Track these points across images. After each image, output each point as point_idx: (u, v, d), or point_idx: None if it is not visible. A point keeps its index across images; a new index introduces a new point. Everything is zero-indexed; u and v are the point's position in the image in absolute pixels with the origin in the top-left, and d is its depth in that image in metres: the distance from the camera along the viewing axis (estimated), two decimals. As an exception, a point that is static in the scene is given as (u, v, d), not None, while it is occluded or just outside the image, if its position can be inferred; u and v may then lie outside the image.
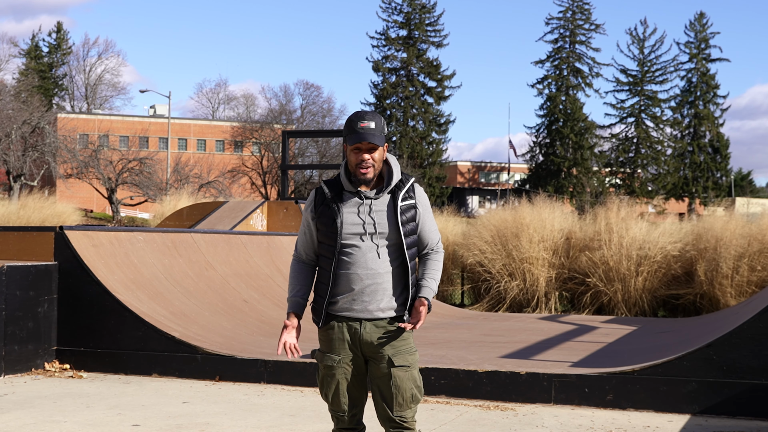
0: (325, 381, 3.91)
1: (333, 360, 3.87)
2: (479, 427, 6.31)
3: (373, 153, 3.83)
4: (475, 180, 78.79)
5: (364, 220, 3.82)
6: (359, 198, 3.85)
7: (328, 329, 3.89)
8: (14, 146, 41.80)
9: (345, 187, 3.88)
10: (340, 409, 3.90)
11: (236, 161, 63.74)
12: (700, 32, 68.49)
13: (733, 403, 6.68)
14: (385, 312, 3.84)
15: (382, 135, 3.84)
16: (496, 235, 15.64)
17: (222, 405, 6.96)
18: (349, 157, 3.85)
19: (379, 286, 3.81)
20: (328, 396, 3.90)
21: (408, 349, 3.87)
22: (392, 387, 3.82)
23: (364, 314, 3.83)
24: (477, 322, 12.67)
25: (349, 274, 3.82)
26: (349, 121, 3.85)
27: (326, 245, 3.88)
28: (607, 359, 8.44)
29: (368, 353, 3.86)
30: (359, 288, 3.81)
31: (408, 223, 3.87)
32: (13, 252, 8.81)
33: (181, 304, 9.31)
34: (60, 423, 6.26)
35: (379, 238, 3.82)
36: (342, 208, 3.84)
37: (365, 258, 3.81)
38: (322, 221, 3.88)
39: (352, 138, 3.80)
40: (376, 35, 67.00)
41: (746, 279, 14.06)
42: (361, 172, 3.82)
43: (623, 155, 67.72)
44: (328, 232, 3.85)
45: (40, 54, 77.57)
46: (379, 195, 3.86)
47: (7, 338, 8.04)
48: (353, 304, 3.83)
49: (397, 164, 3.93)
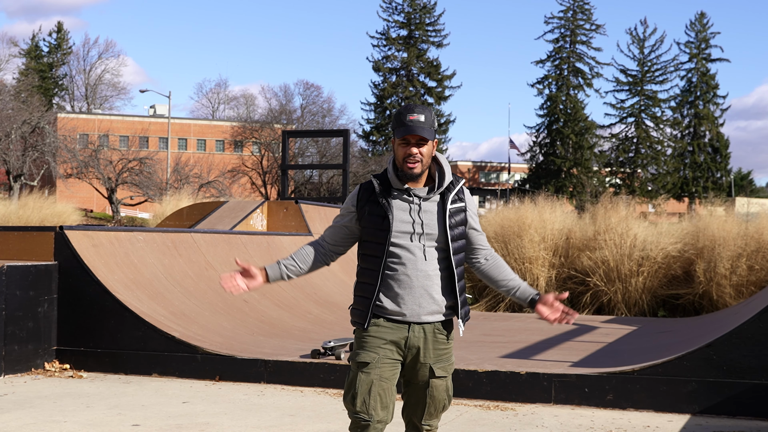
0: (356, 380, 3.65)
1: (371, 357, 3.64)
2: (479, 427, 6.31)
3: (421, 147, 3.62)
4: (475, 180, 78.86)
5: (414, 219, 3.64)
6: (408, 196, 3.67)
7: (373, 328, 3.67)
8: (14, 146, 41.81)
9: (393, 184, 3.68)
10: (368, 414, 3.62)
11: (236, 161, 63.77)
12: (700, 32, 68.54)
13: (733, 403, 6.68)
14: (433, 316, 3.67)
15: (432, 129, 3.64)
16: (499, 234, 15.66)
17: (222, 405, 6.96)
18: (397, 151, 3.66)
19: (428, 288, 3.64)
20: (356, 398, 3.62)
21: (448, 358, 3.74)
22: (428, 396, 3.69)
23: (413, 317, 3.65)
24: (477, 321, 12.67)
25: (398, 275, 3.64)
26: (397, 114, 3.67)
27: (373, 243, 3.68)
28: (607, 359, 8.44)
29: (410, 358, 3.68)
30: (409, 290, 3.63)
31: (456, 227, 3.70)
32: (13, 252, 8.81)
33: (181, 304, 9.31)
34: (60, 423, 6.26)
35: (426, 239, 3.64)
36: (392, 205, 3.65)
37: (415, 259, 3.63)
38: (369, 218, 3.68)
39: (400, 131, 3.61)
40: (376, 35, 67.14)
41: (745, 279, 14.05)
42: (408, 166, 3.63)
43: (623, 155, 67.76)
44: (376, 229, 3.65)
45: (40, 54, 77.57)
46: (430, 195, 3.67)
47: (7, 338, 8.04)
48: (403, 307, 3.64)
49: (448, 165, 3.75)
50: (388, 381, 3.65)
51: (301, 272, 3.83)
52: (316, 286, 12.02)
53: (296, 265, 3.80)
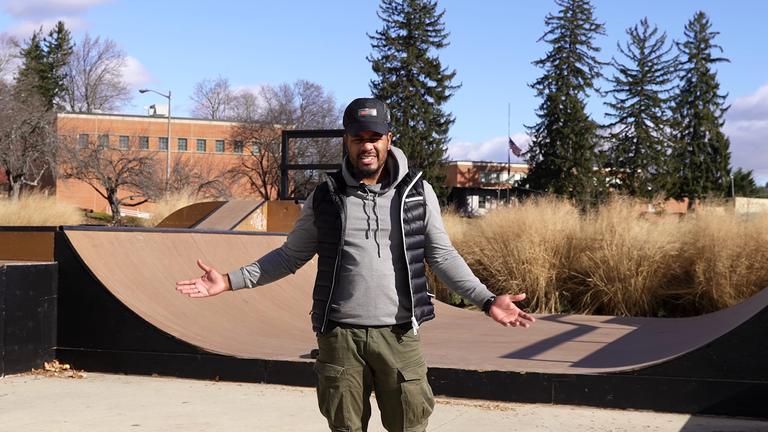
0: (326, 394, 3.58)
1: (336, 371, 3.54)
2: (479, 427, 6.31)
3: (376, 142, 3.49)
4: (475, 180, 78.82)
5: (369, 215, 3.50)
6: (363, 192, 3.53)
7: (330, 337, 3.57)
8: (14, 146, 41.81)
9: (347, 182, 3.55)
10: (344, 426, 3.57)
11: (236, 161, 63.79)
12: (700, 32, 68.49)
13: (733, 403, 6.68)
14: (391, 318, 3.52)
15: (385, 123, 3.51)
16: (498, 234, 15.65)
17: (222, 405, 6.96)
18: (350, 148, 3.52)
19: (385, 288, 3.49)
20: (330, 411, 3.57)
21: (417, 361, 3.58)
22: (402, 403, 3.54)
23: (370, 320, 3.51)
24: (477, 322, 12.67)
25: (353, 275, 3.49)
26: (348, 110, 3.52)
27: (328, 244, 3.55)
28: (607, 359, 8.44)
29: (375, 364, 3.54)
30: (364, 291, 3.49)
31: (413, 222, 3.53)
32: (13, 252, 8.81)
33: (181, 304, 9.31)
34: (60, 423, 6.26)
35: (381, 236, 3.49)
36: (346, 203, 3.51)
37: (370, 258, 3.48)
38: (323, 218, 3.55)
39: (352, 127, 3.48)
40: (376, 35, 67.01)
41: (744, 278, 14.05)
42: (363, 162, 3.49)
43: (623, 155, 67.72)
44: (330, 229, 3.53)
45: (40, 54, 77.57)
46: (385, 189, 3.53)
47: (7, 338, 8.04)
48: (358, 309, 3.51)
49: (404, 157, 3.60)
50: (357, 388, 3.57)
51: (264, 279, 3.73)
52: (316, 286, 12.01)
53: (259, 273, 3.71)
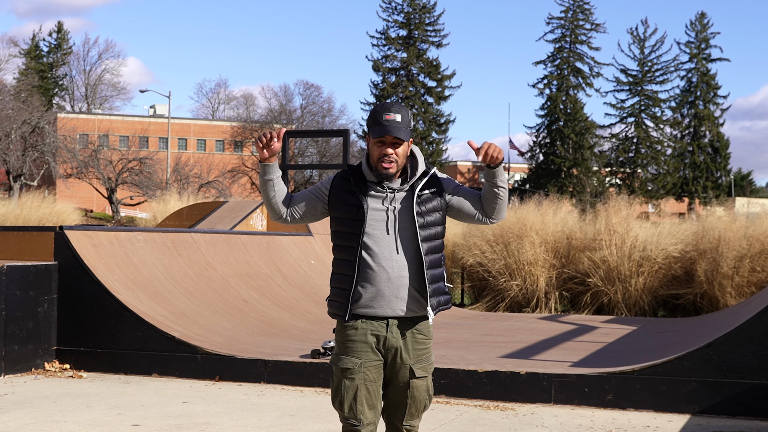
0: (341, 386, 3.62)
1: (354, 363, 3.59)
2: (479, 427, 6.31)
3: (397, 148, 3.58)
4: (475, 180, 78.81)
5: (387, 208, 3.60)
6: (381, 187, 3.63)
7: (350, 330, 3.62)
8: (14, 146, 41.82)
9: (367, 177, 3.65)
10: (356, 419, 3.59)
11: (236, 161, 63.79)
12: (700, 32, 68.49)
13: (733, 403, 6.68)
14: (409, 309, 3.60)
15: (407, 129, 3.59)
16: (499, 236, 15.64)
17: (222, 405, 6.96)
18: (372, 150, 3.60)
19: (404, 280, 3.57)
20: (344, 404, 3.60)
21: (427, 358, 3.69)
22: (409, 397, 3.65)
23: (388, 311, 3.58)
24: (477, 321, 12.67)
25: (373, 266, 3.56)
26: (373, 113, 3.60)
27: (346, 234, 3.63)
28: (607, 359, 8.44)
29: (390, 359, 3.63)
30: (384, 282, 3.56)
31: (428, 214, 3.63)
32: (13, 252, 8.81)
33: (181, 304, 9.31)
34: (60, 423, 6.26)
35: (400, 229, 3.59)
36: (367, 195, 3.61)
37: (390, 249, 3.57)
38: (343, 208, 3.64)
39: (375, 130, 3.56)
40: (376, 35, 67.02)
41: (746, 279, 14.06)
42: (383, 166, 3.58)
43: (623, 155, 67.71)
44: (350, 219, 3.61)
45: (40, 54, 77.56)
46: (404, 186, 3.63)
47: (7, 338, 8.04)
48: (379, 300, 3.58)
49: (422, 156, 3.70)
50: (373, 383, 3.63)
51: (278, 193, 3.74)
52: (316, 286, 12.02)
53: (281, 189, 3.75)
